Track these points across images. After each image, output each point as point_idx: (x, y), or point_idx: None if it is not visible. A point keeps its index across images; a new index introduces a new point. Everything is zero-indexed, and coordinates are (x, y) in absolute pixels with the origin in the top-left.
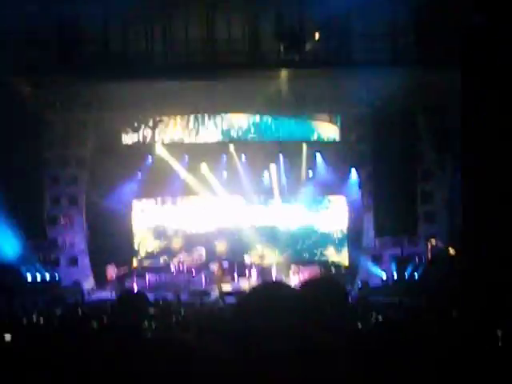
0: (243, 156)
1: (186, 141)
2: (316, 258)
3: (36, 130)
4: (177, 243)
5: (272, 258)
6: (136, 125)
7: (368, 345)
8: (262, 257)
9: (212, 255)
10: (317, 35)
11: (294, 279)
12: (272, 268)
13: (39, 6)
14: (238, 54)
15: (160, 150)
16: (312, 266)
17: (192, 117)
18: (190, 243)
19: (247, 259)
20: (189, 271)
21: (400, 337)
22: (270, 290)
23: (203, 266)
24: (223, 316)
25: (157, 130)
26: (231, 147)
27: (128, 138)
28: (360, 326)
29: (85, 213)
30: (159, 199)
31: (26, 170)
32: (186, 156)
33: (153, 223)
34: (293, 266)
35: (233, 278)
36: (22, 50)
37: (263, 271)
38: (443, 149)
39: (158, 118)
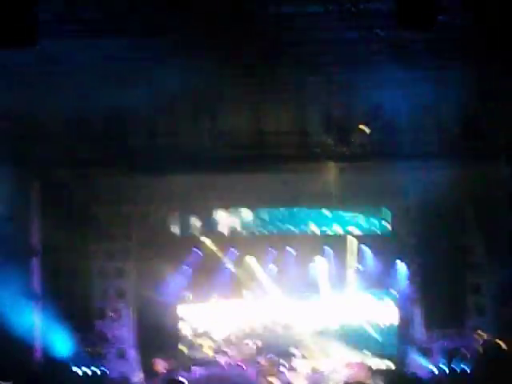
0: (289, 248)
1: (233, 233)
2: (364, 351)
3: (84, 223)
4: (225, 337)
5: (321, 351)
6: (182, 217)
7: None
8: (310, 349)
9: (260, 348)
10: (364, 128)
11: (344, 373)
12: (321, 361)
13: (85, 98)
14: (285, 146)
15: (207, 243)
16: (361, 358)
17: (238, 209)
18: (238, 337)
19: (296, 352)
20: (237, 365)
21: None
22: None
23: (252, 359)
24: None
25: (203, 223)
26: (277, 239)
27: (174, 231)
28: None
29: (132, 305)
30: (206, 292)
31: (75, 264)
32: (233, 248)
33: (200, 317)
34: (343, 360)
35: (281, 371)
36: (67, 142)
37: (312, 365)
38: (492, 240)
39: (203, 211)
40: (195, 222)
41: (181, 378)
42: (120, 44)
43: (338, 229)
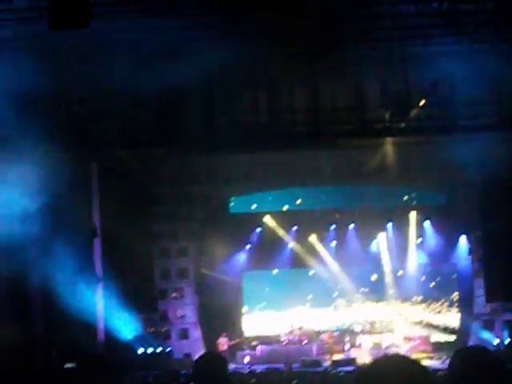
0: (352, 225)
1: (294, 211)
2: (426, 324)
3: (145, 203)
4: (287, 313)
5: (382, 327)
6: (244, 196)
7: None
8: (372, 325)
9: (323, 325)
10: (422, 102)
11: (406, 347)
12: (383, 337)
13: (143, 80)
14: (343, 122)
15: (268, 221)
16: (422, 332)
17: (298, 187)
18: (300, 313)
19: (358, 328)
20: (300, 341)
21: None
22: (397, 365)
23: (314, 336)
24: None
25: (264, 201)
26: (338, 216)
27: (236, 209)
28: None
29: (195, 285)
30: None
31: (136, 244)
32: (295, 226)
33: (262, 294)
34: (405, 334)
35: (344, 348)
36: (128, 124)
37: (374, 341)
38: None
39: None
40: (257, 200)
41: (245, 359)
42: (172, 24)
43: (398, 204)
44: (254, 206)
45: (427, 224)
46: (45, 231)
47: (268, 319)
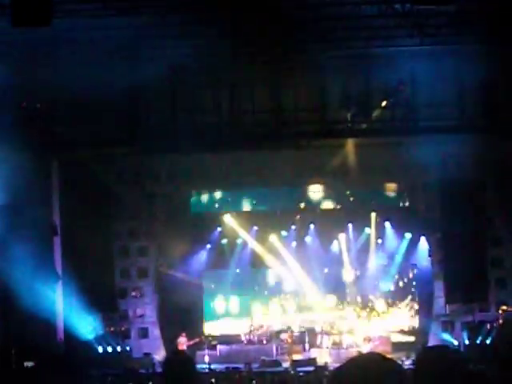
0: (312, 226)
1: (254, 211)
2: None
3: (105, 203)
4: (247, 312)
5: (343, 327)
6: (204, 195)
7: None
8: (332, 325)
9: (282, 325)
10: (383, 103)
11: (366, 347)
12: (343, 337)
13: (104, 80)
14: (304, 123)
15: (228, 220)
16: (382, 332)
17: (258, 186)
18: (260, 312)
19: (318, 328)
20: (260, 341)
21: None
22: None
23: (274, 336)
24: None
25: (225, 200)
26: (299, 217)
27: (196, 209)
28: None
29: (155, 284)
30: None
31: (96, 243)
32: (255, 226)
33: (223, 293)
34: (364, 334)
35: (304, 348)
36: (89, 123)
37: (334, 341)
38: None
39: (225, 188)
40: (217, 200)
41: (204, 358)
42: (135, 22)
43: (358, 204)
44: (214, 206)
45: (387, 225)
46: (4, 229)
47: (228, 319)
